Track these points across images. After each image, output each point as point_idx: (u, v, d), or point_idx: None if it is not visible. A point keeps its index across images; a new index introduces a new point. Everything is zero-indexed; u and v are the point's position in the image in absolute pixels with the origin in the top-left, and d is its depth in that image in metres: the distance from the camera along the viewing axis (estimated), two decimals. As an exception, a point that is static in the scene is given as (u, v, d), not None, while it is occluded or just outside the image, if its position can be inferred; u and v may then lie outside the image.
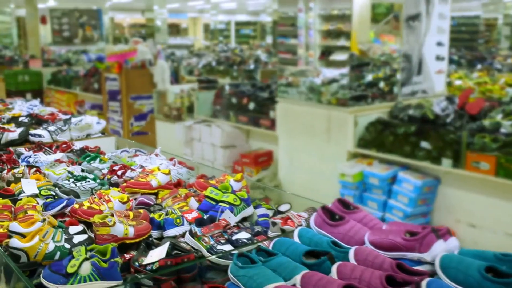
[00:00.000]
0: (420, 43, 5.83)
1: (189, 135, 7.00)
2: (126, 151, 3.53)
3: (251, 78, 11.80)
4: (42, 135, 3.73)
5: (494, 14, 19.58)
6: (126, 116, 8.78)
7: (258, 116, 6.26)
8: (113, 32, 20.97)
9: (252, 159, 6.27)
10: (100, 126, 4.05)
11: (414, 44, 5.77)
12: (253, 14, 30.55)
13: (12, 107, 4.89)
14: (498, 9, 19.40)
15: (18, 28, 18.90)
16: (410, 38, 5.71)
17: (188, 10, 29.21)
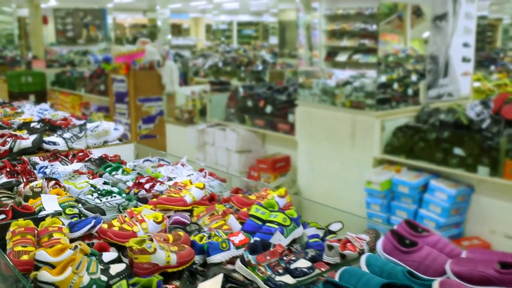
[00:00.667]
0: (446, 44, 5.57)
1: (202, 139, 6.73)
2: (149, 160, 3.26)
3: (259, 79, 11.54)
4: (57, 142, 3.46)
5: (497, 14, 19.34)
6: (134, 118, 8.51)
7: (276, 119, 5.99)
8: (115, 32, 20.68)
9: (269, 165, 6.00)
10: (118, 133, 3.78)
11: (441, 45, 5.51)
12: (255, 15, 30.29)
13: (21, 111, 4.61)
14: (503, 9, 19.17)
15: (19, 29, 18.64)
16: (437, 38, 5.45)
17: (190, 10, 28.95)
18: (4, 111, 4.57)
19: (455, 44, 5.64)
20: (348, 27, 7.34)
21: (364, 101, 6.69)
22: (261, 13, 29.35)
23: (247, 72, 12.00)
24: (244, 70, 12.09)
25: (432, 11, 5.35)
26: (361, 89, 6.69)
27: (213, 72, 12.78)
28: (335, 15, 7.15)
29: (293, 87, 6.32)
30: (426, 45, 6.85)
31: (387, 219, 4.89)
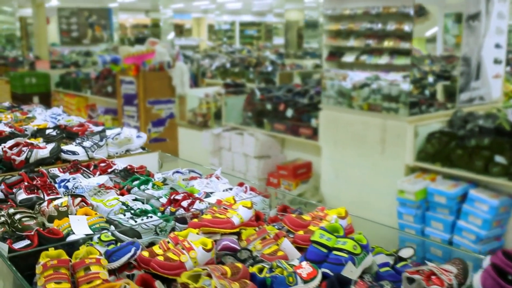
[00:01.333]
0: (479, 45, 5.28)
1: (217, 144, 6.44)
2: (180, 172, 2.97)
3: (268, 80, 11.26)
4: (77, 152, 3.17)
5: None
6: (144, 121, 8.22)
7: (297, 124, 5.70)
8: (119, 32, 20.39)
9: (290, 171, 5.72)
10: (141, 141, 3.49)
11: (474, 46, 5.23)
12: (258, 15, 30.03)
13: (32, 116, 4.32)
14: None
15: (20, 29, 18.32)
16: (469, 39, 5.17)
17: (192, 10, 28.68)
18: (15, 115, 4.27)
19: (487, 45, 5.36)
20: (355, 27, 7.07)
21: (381, 104, 6.44)
22: (264, 13, 29.12)
23: (256, 73, 11.72)
24: (253, 71, 11.81)
25: (465, 10, 5.06)
26: (379, 91, 6.43)
27: (221, 73, 12.49)
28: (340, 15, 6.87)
29: (314, 89, 6.03)
30: (427, 44, 6.63)
31: (421, 230, 4.60)
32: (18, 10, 17.40)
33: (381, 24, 6.63)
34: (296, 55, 17.24)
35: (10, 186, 2.65)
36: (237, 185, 2.75)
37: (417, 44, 7.31)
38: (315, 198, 5.50)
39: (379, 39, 6.89)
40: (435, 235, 4.47)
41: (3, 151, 3.01)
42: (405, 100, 4.91)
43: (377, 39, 6.83)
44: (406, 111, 4.85)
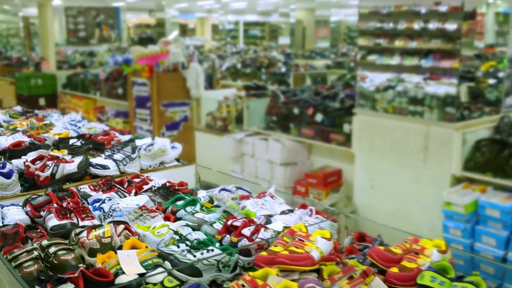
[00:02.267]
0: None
1: (239, 150, 6.08)
2: (226, 189, 2.61)
3: (281, 82, 10.91)
4: (107, 166, 2.81)
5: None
6: (157, 125, 7.85)
7: (328, 129, 5.35)
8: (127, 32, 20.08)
9: (320, 179, 5.36)
10: (176, 152, 3.13)
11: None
12: (262, 14, 29.69)
13: (50, 122, 3.95)
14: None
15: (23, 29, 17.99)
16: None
17: (197, 10, 28.34)
18: (30, 122, 3.91)
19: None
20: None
21: (407, 108, 6.09)
22: (269, 13, 28.80)
23: (268, 75, 11.38)
24: (265, 72, 11.46)
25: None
26: (404, 94, 6.08)
27: (231, 74, 12.14)
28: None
29: (344, 92, 5.67)
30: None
31: (470, 245, 4.24)
32: (21, 10, 17.06)
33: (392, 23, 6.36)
34: (304, 55, 16.91)
35: (37, 208, 2.30)
36: (298, 208, 2.39)
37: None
38: (348, 208, 5.14)
39: (390, 38, 6.58)
40: (487, 251, 4.11)
41: (25, 165, 2.66)
42: (453, 105, 4.55)
43: (388, 38, 6.53)
44: (453, 117, 4.49)
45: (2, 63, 14.26)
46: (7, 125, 3.92)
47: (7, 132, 3.59)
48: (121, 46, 13.37)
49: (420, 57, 7.14)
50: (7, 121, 4.14)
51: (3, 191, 2.48)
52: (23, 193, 2.53)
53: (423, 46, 6.80)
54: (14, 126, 3.86)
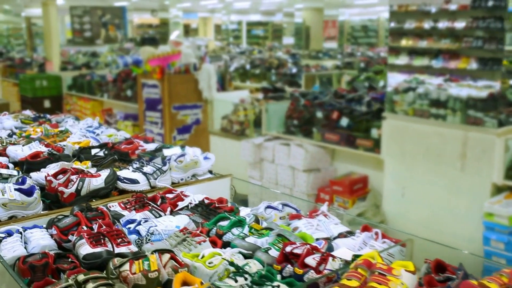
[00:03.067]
0: None
1: (258, 155, 5.81)
2: (273, 207, 2.34)
3: (292, 83, 10.64)
4: (137, 180, 2.54)
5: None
6: (169, 128, 7.58)
7: (354, 134, 5.07)
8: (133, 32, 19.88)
9: (346, 187, 5.09)
10: (209, 163, 2.86)
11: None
12: (266, 14, 29.44)
13: (65, 129, 3.67)
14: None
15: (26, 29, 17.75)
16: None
17: (199, 9, 28.09)
18: (45, 129, 3.63)
19: None
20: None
21: (428, 110, 5.82)
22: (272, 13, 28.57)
23: (278, 75, 11.11)
24: (275, 73, 11.19)
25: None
26: (426, 96, 5.82)
27: (240, 75, 11.87)
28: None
29: (370, 95, 5.40)
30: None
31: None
32: (24, 10, 16.81)
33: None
34: (311, 55, 16.65)
35: (64, 231, 2.02)
36: (360, 230, 2.12)
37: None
38: (377, 218, 4.87)
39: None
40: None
41: (47, 180, 2.38)
42: (495, 108, 4.28)
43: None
44: (494, 122, 4.22)
45: (4, 64, 13.98)
46: (20, 132, 3.65)
47: (21, 140, 3.32)
48: (123, 47, 13.11)
49: (431, 57, 6.90)
50: (19, 127, 3.87)
51: (23, 211, 2.21)
52: (46, 213, 2.25)
53: (433, 45, 6.57)
54: (28, 133, 3.59)
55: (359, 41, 25.59)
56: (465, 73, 6.16)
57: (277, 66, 11.29)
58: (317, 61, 14.19)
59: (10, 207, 2.17)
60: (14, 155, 2.88)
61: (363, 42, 26.19)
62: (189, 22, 30.11)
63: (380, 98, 5.29)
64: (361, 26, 27.19)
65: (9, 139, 3.31)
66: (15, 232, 2.02)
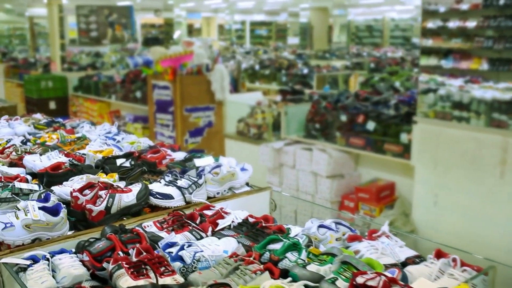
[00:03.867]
0: None
1: (278, 160, 5.56)
2: (326, 226, 2.09)
3: (303, 84, 10.39)
4: (171, 195, 2.28)
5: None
6: (180, 131, 7.33)
7: (382, 139, 4.83)
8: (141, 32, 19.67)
9: (373, 194, 4.84)
10: (247, 175, 2.61)
11: None
12: (269, 14, 29.21)
13: (82, 135, 3.42)
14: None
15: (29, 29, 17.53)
16: None
17: (203, 9, 27.85)
18: (61, 135, 3.38)
19: None
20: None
21: (451, 113, 5.59)
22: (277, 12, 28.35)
23: (289, 76, 10.86)
24: (286, 73, 10.94)
25: None
26: (448, 98, 5.59)
27: (249, 75, 11.63)
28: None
29: (398, 97, 5.15)
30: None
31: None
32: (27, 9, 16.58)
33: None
34: (317, 55, 16.40)
35: (97, 257, 1.78)
36: (433, 255, 1.86)
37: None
38: (407, 227, 4.62)
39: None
40: None
41: (73, 196, 2.13)
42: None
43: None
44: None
45: (7, 65, 13.72)
46: (34, 139, 3.40)
47: (36, 148, 3.07)
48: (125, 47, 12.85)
49: (440, 57, 6.66)
50: (32, 133, 3.62)
51: (48, 232, 1.96)
52: (73, 234, 2.00)
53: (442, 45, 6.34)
54: (43, 140, 3.34)
55: (363, 41, 25.36)
56: (477, 73, 5.95)
57: (287, 66, 11.04)
58: (323, 62, 13.94)
59: (34, 228, 1.92)
60: (32, 166, 2.63)
61: (367, 42, 25.97)
62: (192, 22, 29.91)
63: (408, 100, 5.04)
64: (366, 26, 26.97)
65: (24, 147, 3.06)
66: (42, 259, 1.78)
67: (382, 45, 25.22)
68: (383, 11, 26.57)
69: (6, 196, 2.09)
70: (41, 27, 20.45)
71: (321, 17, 19.82)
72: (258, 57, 13.06)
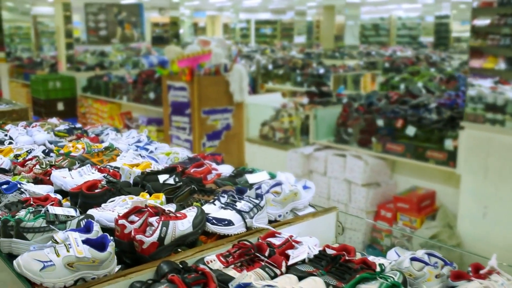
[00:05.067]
0: None
1: (307, 167, 5.23)
2: (419, 260, 1.75)
3: (319, 84, 10.05)
4: (231, 221, 1.95)
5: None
6: (198, 134, 6.99)
7: (424, 145, 4.49)
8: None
9: (414, 204, 4.51)
10: (310, 194, 2.27)
11: None
12: (275, 12, 28.88)
13: (110, 145, 3.09)
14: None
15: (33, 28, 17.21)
16: None
17: (208, 8, 27.54)
18: (87, 144, 3.04)
19: None
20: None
21: (483, 115, 5.25)
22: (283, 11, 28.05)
23: (304, 76, 10.52)
24: (301, 73, 10.60)
25: None
26: (479, 99, 5.26)
27: (262, 75, 11.28)
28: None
29: (438, 100, 4.82)
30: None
31: None
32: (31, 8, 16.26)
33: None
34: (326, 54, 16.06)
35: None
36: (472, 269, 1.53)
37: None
38: (452, 240, 4.29)
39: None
40: None
41: (119, 224, 1.80)
42: None
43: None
44: None
45: (12, 64, 13.39)
46: (57, 149, 3.07)
47: (61, 160, 2.74)
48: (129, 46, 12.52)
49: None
50: (53, 141, 3.28)
51: (94, 271, 1.62)
52: (124, 273, 1.67)
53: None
54: (66, 150, 3.01)
55: (369, 40, 25.03)
56: (493, 73, 5.62)
57: (302, 66, 10.70)
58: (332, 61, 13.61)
59: (78, 267, 1.59)
60: (62, 183, 2.30)
61: (373, 41, 25.64)
62: (196, 21, 29.63)
63: (450, 104, 4.71)
64: (372, 24, 26.63)
65: (48, 159, 2.72)
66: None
67: (388, 44, 24.90)
68: (389, 10, 26.25)
69: (41, 225, 1.76)
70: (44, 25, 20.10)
71: (328, 15, 19.50)
72: (271, 57, 12.71)
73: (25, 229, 1.74)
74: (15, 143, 3.24)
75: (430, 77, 8.70)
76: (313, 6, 21.81)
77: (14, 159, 2.85)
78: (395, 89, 8.40)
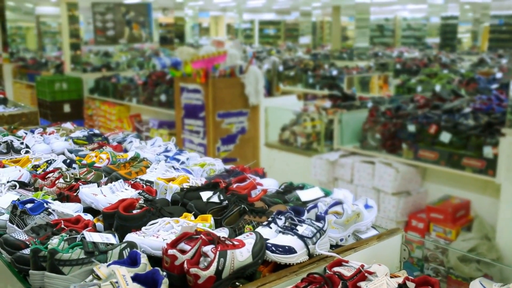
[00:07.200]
0: None
1: (332, 174, 4.98)
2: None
3: (332, 86, 9.81)
4: (293, 248, 1.70)
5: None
6: (212, 138, 6.75)
7: (460, 152, 4.24)
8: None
9: (448, 214, 4.26)
10: (372, 214, 2.03)
11: None
12: (279, 13, 28.67)
13: (137, 154, 2.84)
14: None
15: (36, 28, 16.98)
16: None
17: (211, 8, 27.30)
18: (112, 154, 2.79)
19: None
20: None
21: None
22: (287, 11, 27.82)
23: (316, 78, 10.28)
24: (313, 75, 10.35)
25: None
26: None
27: (271, 77, 11.04)
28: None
29: (473, 105, 4.57)
30: None
31: None
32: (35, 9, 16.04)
33: None
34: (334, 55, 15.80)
35: None
36: None
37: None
38: (492, 254, 4.04)
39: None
40: None
41: (168, 255, 1.55)
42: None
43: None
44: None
45: (16, 65, 13.15)
46: (79, 159, 2.82)
47: (85, 172, 2.49)
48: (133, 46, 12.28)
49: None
50: (73, 150, 3.04)
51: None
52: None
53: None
54: (89, 160, 2.76)
55: (374, 40, 24.78)
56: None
57: (314, 67, 10.45)
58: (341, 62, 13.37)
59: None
60: (93, 202, 2.05)
61: (378, 42, 25.40)
62: (200, 21, 29.42)
63: (486, 109, 4.46)
64: (377, 25, 26.39)
65: (71, 171, 2.47)
66: None
67: (393, 45, 24.66)
68: (394, 10, 26.02)
69: (79, 257, 1.51)
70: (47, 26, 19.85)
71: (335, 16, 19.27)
72: (281, 58, 12.46)
73: (61, 262, 1.49)
74: (32, 152, 2.99)
75: (448, 79, 8.44)
76: (318, 6, 21.57)
77: (33, 171, 2.61)
78: (411, 92, 8.15)
